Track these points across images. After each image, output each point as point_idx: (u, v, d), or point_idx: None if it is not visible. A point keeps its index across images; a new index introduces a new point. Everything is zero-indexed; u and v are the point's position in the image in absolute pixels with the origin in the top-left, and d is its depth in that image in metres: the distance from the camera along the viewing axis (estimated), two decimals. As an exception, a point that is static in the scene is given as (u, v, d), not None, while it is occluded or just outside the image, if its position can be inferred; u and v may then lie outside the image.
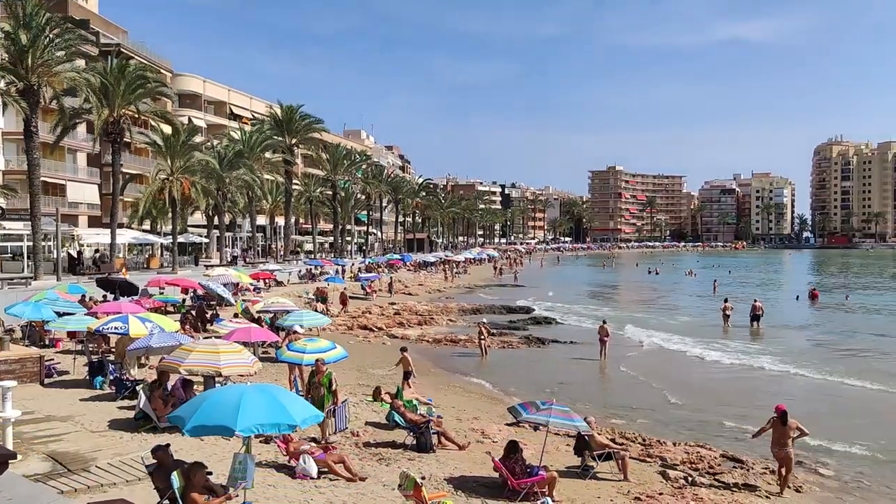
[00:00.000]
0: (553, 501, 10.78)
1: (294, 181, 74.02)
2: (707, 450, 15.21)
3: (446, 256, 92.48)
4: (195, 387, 14.20)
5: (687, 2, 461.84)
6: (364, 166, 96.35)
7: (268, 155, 66.62)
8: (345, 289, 44.47)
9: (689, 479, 13.02)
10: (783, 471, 12.76)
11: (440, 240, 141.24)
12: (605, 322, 28.72)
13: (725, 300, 40.23)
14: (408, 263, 79.02)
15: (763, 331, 36.11)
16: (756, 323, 36.79)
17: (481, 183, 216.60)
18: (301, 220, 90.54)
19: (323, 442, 12.57)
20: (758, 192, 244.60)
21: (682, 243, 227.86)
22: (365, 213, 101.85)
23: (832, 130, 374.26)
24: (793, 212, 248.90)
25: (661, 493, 11.98)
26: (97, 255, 49.63)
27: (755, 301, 38.61)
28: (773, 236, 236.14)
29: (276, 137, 66.00)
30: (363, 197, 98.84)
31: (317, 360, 14.21)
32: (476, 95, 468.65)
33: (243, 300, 33.22)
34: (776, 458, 12.90)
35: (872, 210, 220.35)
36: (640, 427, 17.51)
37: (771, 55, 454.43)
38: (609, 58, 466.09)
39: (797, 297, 54.12)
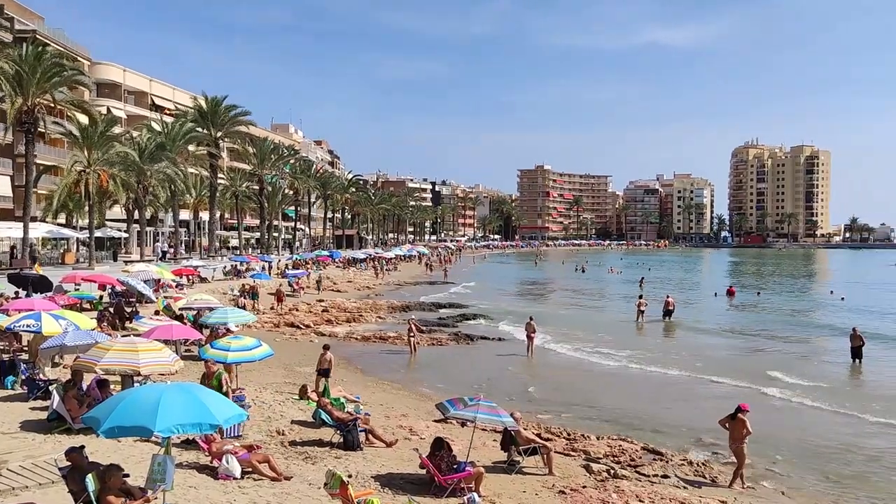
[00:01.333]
0: (479, 497, 10.85)
1: (219, 175, 72.27)
2: (629, 443, 15.63)
3: (376, 253, 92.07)
4: (112, 387, 13.70)
5: (614, 6, 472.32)
6: (292, 161, 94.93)
7: (192, 148, 64.81)
8: (280, 286, 43.69)
9: (612, 471, 13.34)
10: (738, 463, 13.48)
11: (370, 236, 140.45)
12: (531, 319, 29.09)
13: (640, 296, 41.76)
14: (337, 260, 78.29)
15: (674, 325, 37.85)
16: (668, 318, 38.47)
17: (412, 180, 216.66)
18: (226, 216, 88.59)
19: (237, 445, 12.25)
20: (679, 192, 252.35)
21: (608, 242, 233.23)
22: (293, 208, 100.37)
23: (749, 134, 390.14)
24: (712, 212, 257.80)
25: (584, 486, 12.22)
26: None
27: (667, 297, 40.38)
28: (693, 235, 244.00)
29: (200, 130, 64.25)
30: (291, 192, 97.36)
31: (206, 360, 13.93)
32: (408, 92, 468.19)
33: (165, 297, 32.31)
34: (732, 452, 13.65)
35: (785, 211, 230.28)
36: (565, 422, 17.85)
37: (692, 60, 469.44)
38: (538, 58, 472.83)
39: (715, 293, 56.69)
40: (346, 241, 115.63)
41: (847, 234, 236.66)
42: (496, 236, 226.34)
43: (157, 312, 26.86)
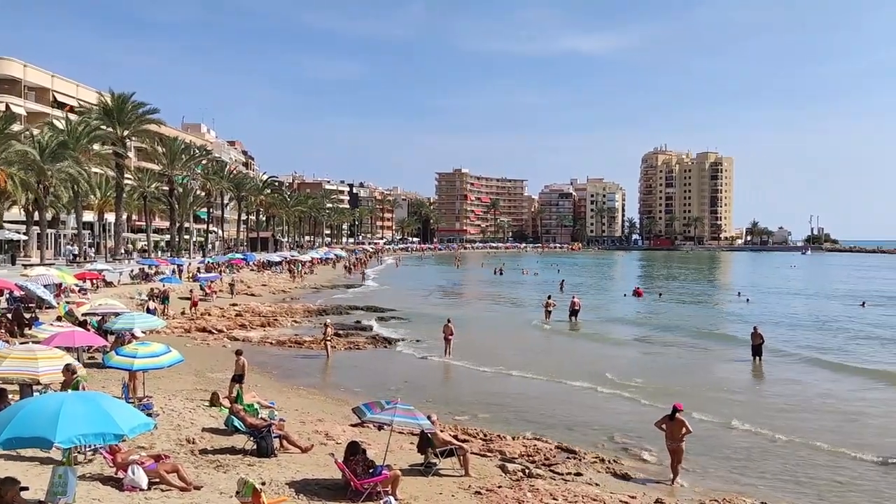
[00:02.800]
0: (396, 500, 10.84)
1: (126, 175, 69.59)
2: (543, 442, 15.94)
3: (292, 256, 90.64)
4: (10, 396, 12.99)
5: (534, 13, 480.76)
6: (204, 161, 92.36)
7: (96, 147, 62.14)
8: (191, 291, 42.33)
9: (527, 471, 13.57)
10: (674, 462, 13.93)
11: (286, 239, 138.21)
12: (449, 321, 29.31)
13: (549, 297, 42.90)
14: (251, 263, 76.65)
15: (580, 324, 39.17)
16: (574, 318, 39.74)
17: (329, 182, 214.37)
18: (134, 217, 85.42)
19: (144, 455, 11.82)
20: (592, 196, 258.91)
21: (524, 244, 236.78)
22: (205, 210, 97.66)
23: (658, 140, 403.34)
24: (623, 215, 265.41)
25: (500, 486, 12.38)
26: None
27: (573, 297, 41.97)
28: (605, 238, 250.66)
29: (105, 128, 61.66)
30: (203, 193, 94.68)
31: (64, 367, 13.43)
32: (325, 93, 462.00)
33: (67, 302, 30.87)
34: (669, 451, 14.05)
35: (692, 215, 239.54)
36: (481, 423, 18.04)
37: (606, 68, 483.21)
38: (457, 62, 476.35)
39: (624, 294, 58.76)
40: (260, 243, 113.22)
41: (748, 238, 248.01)
42: (414, 239, 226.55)
43: (58, 318, 25.63)
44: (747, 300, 54.94)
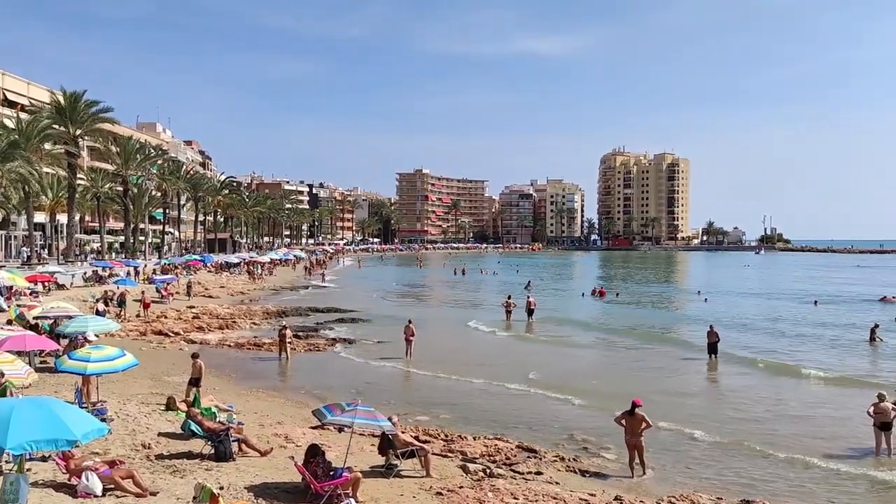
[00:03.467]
0: (357, 502, 10.80)
1: (79, 175, 67.98)
2: (504, 442, 16.02)
3: (251, 257, 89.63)
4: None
5: (491, 14, 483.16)
6: (160, 161, 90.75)
7: (48, 146, 60.63)
8: (142, 292, 41.50)
9: (488, 471, 13.62)
10: (637, 455, 14.21)
11: (244, 240, 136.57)
12: (410, 322, 29.27)
13: (508, 297, 43.52)
14: (209, 265, 75.59)
15: (534, 324, 39.71)
16: (530, 317, 40.53)
17: (288, 182, 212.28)
18: (87, 218, 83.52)
19: (98, 460, 11.61)
20: (552, 197, 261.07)
21: (485, 245, 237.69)
22: (161, 211, 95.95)
23: (616, 141, 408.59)
24: (582, 216, 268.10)
25: (461, 487, 12.40)
26: None
27: (528, 297, 42.95)
28: (565, 238, 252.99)
29: (57, 127, 60.21)
30: (159, 194, 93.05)
31: None
32: (285, 93, 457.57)
33: (18, 305, 30.09)
34: (628, 446, 14.29)
35: (650, 215, 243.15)
36: (443, 423, 18.06)
37: (564, 70, 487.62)
38: (417, 63, 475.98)
39: (583, 294, 59.44)
40: (218, 244, 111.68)
41: (704, 238, 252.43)
42: (375, 239, 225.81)
43: (9, 322, 24.95)
44: (705, 300, 55.91)
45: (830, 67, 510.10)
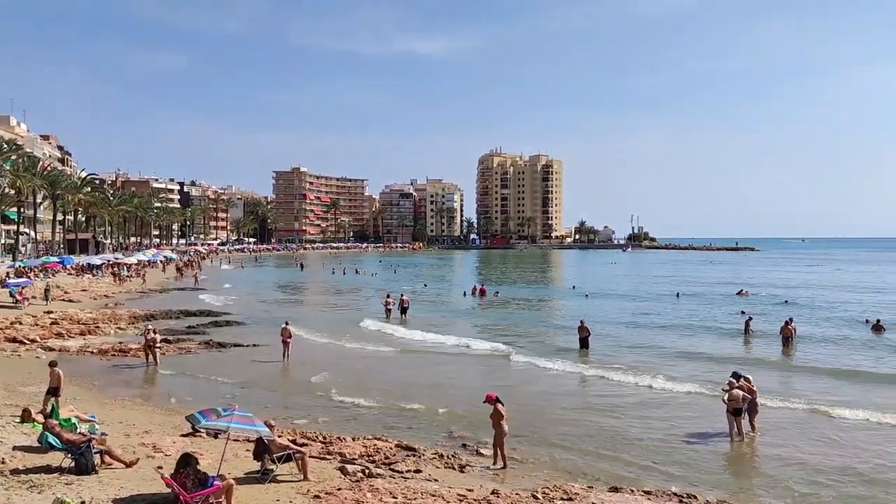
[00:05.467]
0: (230, 510, 10.45)
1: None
2: (384, 441, 15.98)
3: (115, 258, 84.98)
4: None
5: (371, 13, 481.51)
6: (13, 157, 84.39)
7: None
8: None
9: (367, 471, 13.53)
10: (498, 448, 14.73)
11: (108, 240, 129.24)
12: (287, 323, 28.75)
13: (388, 295, 44.76)
14: (69, 266, 71.01)
15: (409, 320, 40.99)
16: (404, 315, 41.83)
17: (157, 179, 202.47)
18: (-71, 218, 76.61)
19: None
20: (432, 196, 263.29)
21: (366, 244, 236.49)
22: (15, 210, 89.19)
23: (494, 142, 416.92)
24: (462, 215, 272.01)
25: (339, 489, 12.25)
26: None
27: (402, 295, 43.98)
28: (445, 238, 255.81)
29: None
30: (13, 192, 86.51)
31: None
32: (154, 87, 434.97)
33: None
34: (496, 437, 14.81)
35: (526, 215, 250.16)
36: (321, 426, 17.81)
37: (443, 70, 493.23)
38: (295, 59, 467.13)
39: (464, 293, 60.33)
40: (80, 245, 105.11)
41: (577, 236, 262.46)
42: (251, 239, 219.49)
43: None
44: (586, 295, 58.39)
45: (696, 76, 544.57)
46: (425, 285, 70.27)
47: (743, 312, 41.72)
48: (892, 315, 41.35)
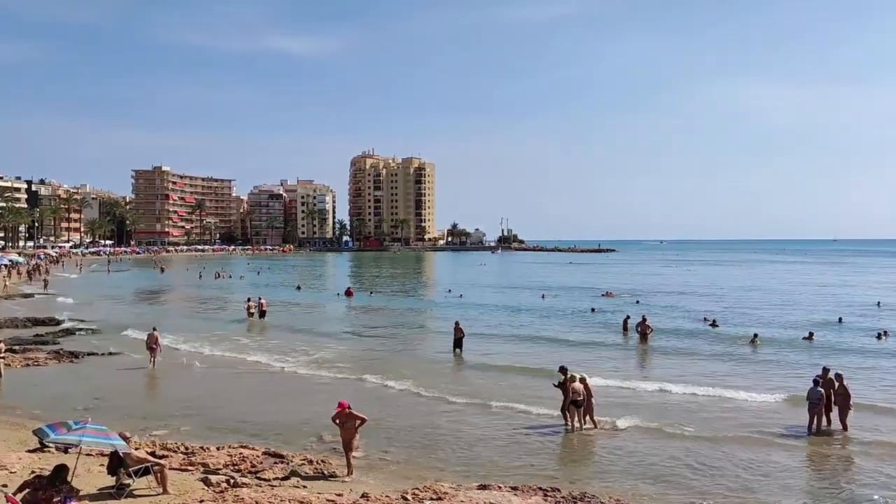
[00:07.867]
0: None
1: None
2: (250, 449, 15.54)
3: (-47, 263, 77.90)
4: None
5: (238, 9, 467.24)
6: None
7: None
8: None
9: (232, 481, 13.12)
10: (349, 454, 14.30)
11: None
12: (154, 329, 27.66)
13: (248, 299, 44.40)
14: None
15: (267, 323, 41.27)
16: (262, 318, 42.10)
17: (1, 178, 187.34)
18: None
19: None
20: (303, 198, 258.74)
21: (233, 246, 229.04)
22: None
23: (367, 144, 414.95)
24: (334, 217, 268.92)
25: (202, 501, 11.82)
26: None
27: (259, 298, 43.90)
28: (317, 240, 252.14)
29: None
30: None
31: None
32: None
33: None
34: (345, 444, 14.38)
35: (399, 217, 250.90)
36: (184, 436, 17.12)
37: (316, 70, 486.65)
38: (157, 54, 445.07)
39: (337, 294, 60.03)
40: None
41: (449, 238, 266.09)
42: (108, 242, 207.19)
43: None
44: (460, 296, 59.51)
45: (568, 82, 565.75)
46: (298, 287, 69.14)
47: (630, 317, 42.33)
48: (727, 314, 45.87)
